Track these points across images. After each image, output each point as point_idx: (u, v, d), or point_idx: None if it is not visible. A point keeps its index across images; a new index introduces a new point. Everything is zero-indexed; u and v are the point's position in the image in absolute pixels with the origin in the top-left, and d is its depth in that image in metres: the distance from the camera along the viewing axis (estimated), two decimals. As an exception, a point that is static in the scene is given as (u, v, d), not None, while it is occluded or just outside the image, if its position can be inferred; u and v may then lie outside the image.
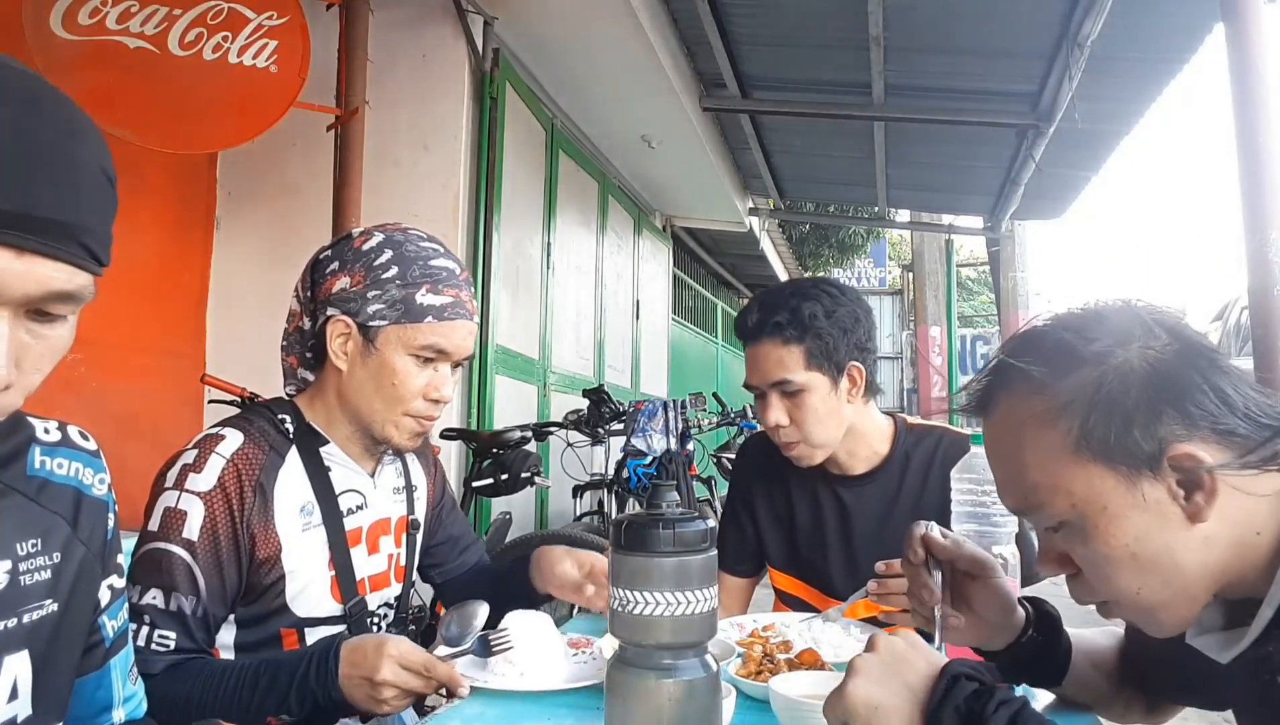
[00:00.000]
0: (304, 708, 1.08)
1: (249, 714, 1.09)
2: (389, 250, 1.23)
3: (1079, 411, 0.76)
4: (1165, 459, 0.74)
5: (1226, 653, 0.79)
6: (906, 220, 9.02)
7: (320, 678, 1.08)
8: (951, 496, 1.25)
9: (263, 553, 1.18)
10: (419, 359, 1.23)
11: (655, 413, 3.84)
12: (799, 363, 1.50)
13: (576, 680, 1.14)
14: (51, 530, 0.78)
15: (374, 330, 1.22)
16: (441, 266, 1.24)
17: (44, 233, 0.61)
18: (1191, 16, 3.66)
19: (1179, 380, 0.74)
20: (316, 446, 1.27)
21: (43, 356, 0.66)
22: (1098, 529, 0.77)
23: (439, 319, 1.22)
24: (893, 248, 19.07)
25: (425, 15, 3.67)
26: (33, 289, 0.62)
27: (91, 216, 0.65)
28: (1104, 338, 0.77)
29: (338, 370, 1.25)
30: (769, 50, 4.64)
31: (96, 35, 2.52)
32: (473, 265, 3.71)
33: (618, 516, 0.82)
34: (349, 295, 1.22)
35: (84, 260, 0.64)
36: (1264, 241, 2.41)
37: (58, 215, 0.62)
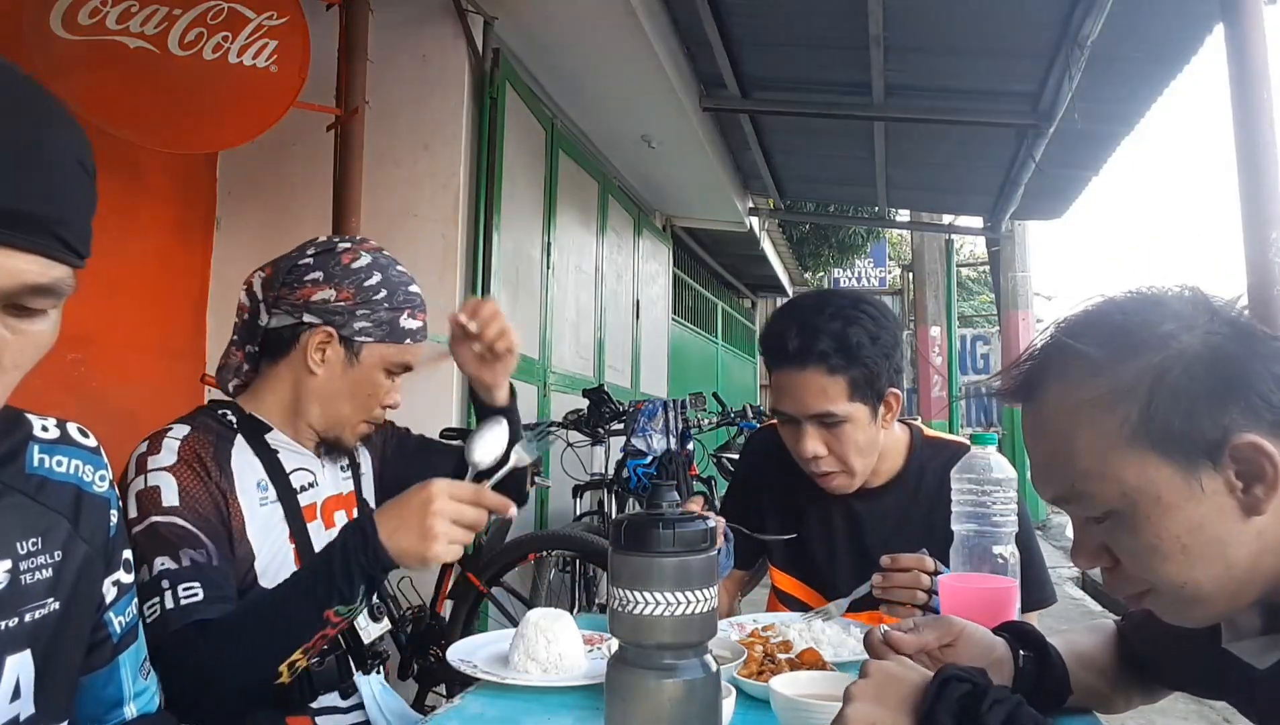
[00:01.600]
0: (354, 586, 1.09)
1: (305, 614, 1.09)
2: (378, 273, 1.33)
3: (1141, 397, 0.73)
4: (1228, 448, 0.71)
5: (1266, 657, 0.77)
6: (906, 220, 9.02)
7: (360, 542, 1.09)
8: (951, 496, 1.25)
9: (235, 523, 1.22)
10: (389, 374, 1.35)
11: (655, 413, 3.84)
12: (843, 394, 1.43)
13: (596, 676, 1.14)
14: (52, 528, 0.78)
15: (359, 345, 1.32)
16: (416, 293, 1.38)
17: (14, 225, 0.60)
18: (1191, 16, 3.66)
19: (1244, 369, 0.72)
20: (261, 433, 1.32)
21: (23, 352, 0.65)
22: (1149, 520, 0.74)
23: (414, 341, 1.36)
24: (893, 248, 19.07)
25: (425, 15, 3.67)
26: (5, 282, 0.60)
27: (67, 208, 0.63)
28: (1168, 321, 0.74)
29: (309, 372, 1.31)
30: (769, 50, 4.63)
31: (96, 35, 2.51)
32: (472, 265, 3.71)
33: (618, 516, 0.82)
34: (336, 308, 1.30)
35: (59, 252, 0.63)
36: (1264, 241, 2.41)
37: (29, 206, 0.60)
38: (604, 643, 1.28)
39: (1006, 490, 1.24)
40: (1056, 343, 0.80)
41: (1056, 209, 6.60)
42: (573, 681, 1.13)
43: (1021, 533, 1.29)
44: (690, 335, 9.16)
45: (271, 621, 1.09)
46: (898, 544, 1.48)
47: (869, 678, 0.79)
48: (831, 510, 1.59)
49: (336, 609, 1.09)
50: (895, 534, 1.52)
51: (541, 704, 1.08)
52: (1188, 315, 0.75)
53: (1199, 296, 0.77)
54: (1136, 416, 0.73)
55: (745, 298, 13.34)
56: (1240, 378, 0.72)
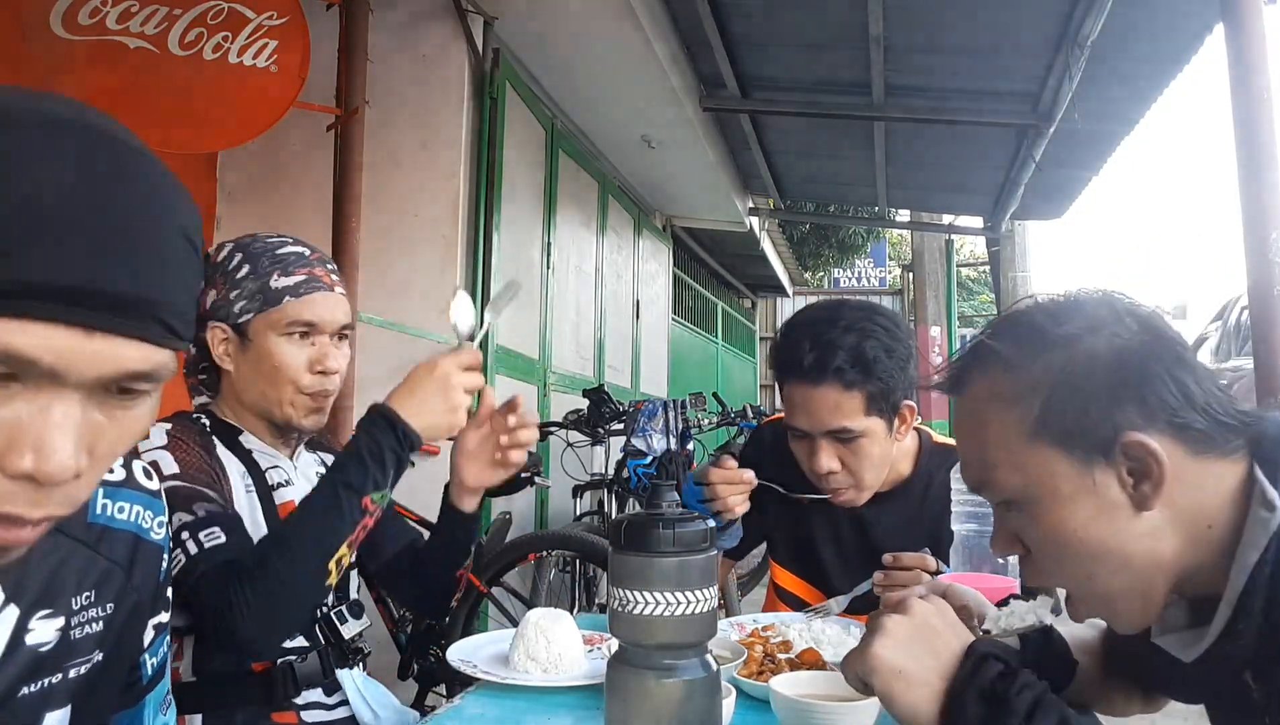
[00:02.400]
0: (386, 470, 1.15)
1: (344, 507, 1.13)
2: (238, 253, 1.32)
3: (1041, 393, 0.77)
4: (1118, 446, 0.75)
5: (1190, 651, 0.79)
6: (906, 220, 9.01)
7: (387, 426, 1.15)
8: (951, 497, 1.25)
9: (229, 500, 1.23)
10: (291, 337, 1.30)
11: (655, 413, 3.84)
12: (859, 409, 1.40)
13: (596, 676, 1.14)
14: (107, 580, 0.75)
15: (244, 325, 1.30)
16: (289, 252, 1.33)
17: (118, 310, 0.54)
18: (1191, 16, 3.66)
19: (1142, 370, 0.76)
20: (234, 436, 1.33)
21: (118, 440, 0.59)
22: (1048, 511, 0.78)
23: (296, 296, 1.30)
24: (893, 248, 19.06)
25: (425, 15, 3.67)
26: (106, 370, 0.55)
27: (173, 289, 0.57)
28: (1075, 323, 0.79)
29: (228, 373, 1.32)
30: (769, 50, 4.63)
31: (96, 35, 2.51)
32: (473, 265, 3.70)
33: (618, 516, 0.82)
34: (218, 304, 1.30)
35: (163, 337, 0.57)
36: (1264, 241, 2.41)
37: (135, 289, 0.54)
38: (604, 643, 1.28)
39: (1006, 490, 1.24)
40: (980, 341, 0.85)
41: (1056, 209, 6.60)
42: (573, 681, 1.13)
43: None
44: (690, 335, 9.16)
45: (313, 524, 1.12)
46: (905, 548, 1.48)
47: (909, 617, 0.79)
48: (838, 512, 1.58)
49: (372, 497, 1.14)
50: (901, 539, 1.51)
51: (541, 704, 1.08)
52: (1097, 318, 0.79)
53: (1116, 301, 0.80)
54: (1038, 412, 0.77)
55: (745, 298, 13.34)
56: (1138, 378, 0.76)
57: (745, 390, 12.46)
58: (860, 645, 0.78)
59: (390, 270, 3.52)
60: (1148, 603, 0.79)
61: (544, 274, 4.62)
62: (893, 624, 0.78)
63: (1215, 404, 0.76)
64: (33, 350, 0.51)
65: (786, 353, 1.45)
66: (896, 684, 0.76)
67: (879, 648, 0.77)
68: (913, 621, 0.79)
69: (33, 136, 0.52)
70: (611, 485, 3.86)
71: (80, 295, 0.52)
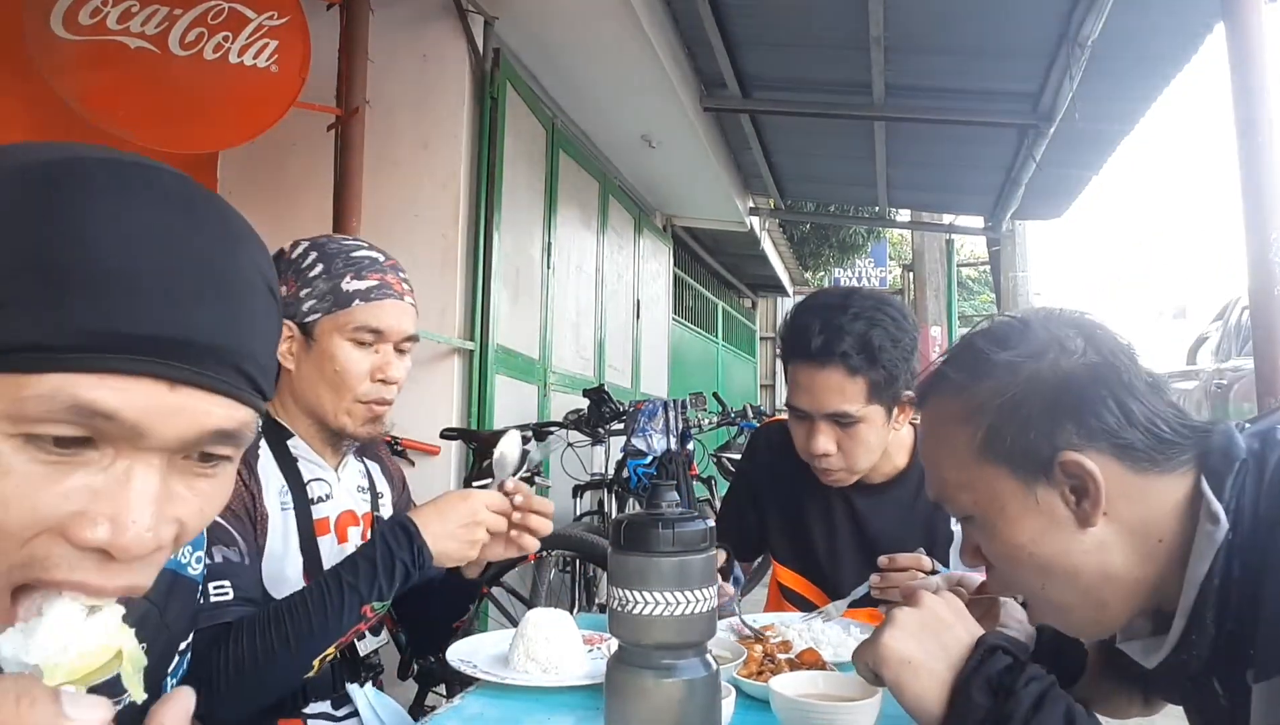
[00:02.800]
0: (394, 583, 1.13)
1: (344, 609, 1.10)
2: (313, 252, 1.31)
3: (987, 415, 0.81)
4: (1056, 465, 0.78)
5: (1151, 658, 0.82)
6: (907, 220, 9.01)
7: (405, 540, 1.13)
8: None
9: (260, 523, 1.22)
10: (356, 343, 1.29)
11: (655, 413, 3.84)
12: (861, 395, 1.42)
13: (596, 676, 1.14)
14: (144, 620, 0.73)
15: (311, 325, 1.28)
16: (364, 256, 1.31)
17: (202, 361, 0.50)
18: (1191, 16, 3.66)
19: (1082, 394, 0.79)
20: (283, 439, 1.31)
21: (200, 513, 0.55)
22: (997, 528, 0.81)
23: (366, 301, 1.28)
24: (893, 248, 19.05)
25: (425, 15, 3.67)
26: (188, 428, 0.51)
27: (255, 339, 0.54)
28: (1020, 348, 0.82)
29: (288, 372, 1.30)
30: (769, 50, 4.63)
31: (97, 35, 2.51)
32: (473, 265, 3.70)
33: (618, 516, 0.82)
34: (287, 301, 1.28)
35: (246, 392, 0.54)
36: (1264, 241, 2.41)
37: (218, 339, 0.51)
38: (604, 643, 1.28)
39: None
40: (936, 366, 0.90)
41: (1057, 209, 6.60)
42: (573, 681, 1.13)
43: None
44: (690, 335, 9.16)
45: (311, 618, 1.09)
46: (899, 540, 1.49)
47: (918, 609, 0.82)
48: (834, 506, 1.60)
49: (374, 605, 1.12)
50: (896, 530, 1.54)
51: (541, 704, 1.08)
52: (1042, 343, 0.82)
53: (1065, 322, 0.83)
54: (984, 433, 0.81)
55: (745, 298, 13.34)
56: (1078, 401, 0.79)
57: (745, 390, 12.46)
58: (872, 636, 0.80)
59: (390, 270, 3.51)
60: (1103, 613, 0.81)
61: (544, 274, 4.62)
62: (903, 615, 0.80)
63: (1160, 422, 0.78)
64: (113, 405, 0.48)
65: (795, 334, 1.47)
66: (905, 673, 0.77)
67: (889, 638, 0.79)
68: (922, 614, 0.81)
69: (109, 186, 0.50)
70: (611, 485, 3.86)
71: (162, 345, 0.49)
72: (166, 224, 0.51)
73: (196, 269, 0.51)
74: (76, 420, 0.48)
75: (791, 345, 1.48)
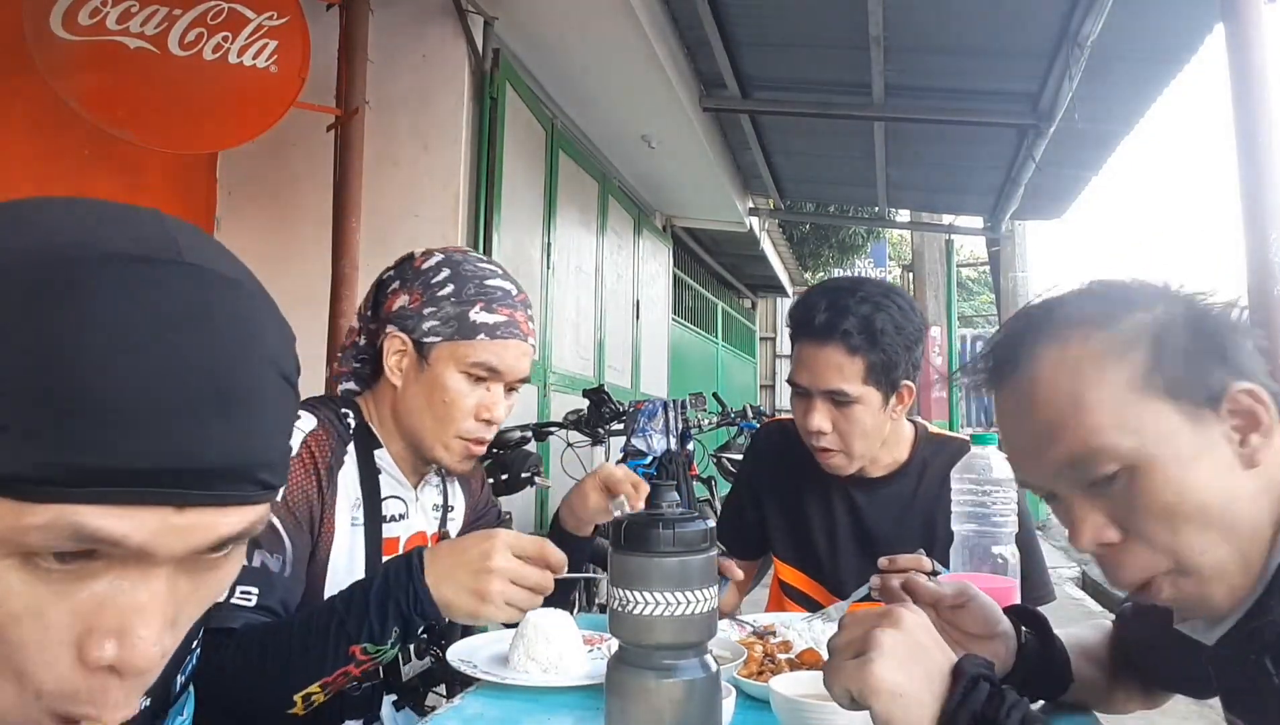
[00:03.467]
0: (387, 626, 1.00)
1: (328, 644, 1.00)
2: (446, 269, 1.25)
3: (1146, 346, 0.73)
4: (1227, 398, 0.72)
5: (1212, 633, 0.77)
6: (906, 220, 9.02)
7: (404, 579, 1.00)
8: (951, 497, 1.25)
9: (324, 539, 1.18)
10: (470, 377, 1.23)
11: (655, 413, 3.84)
12: (858, 375, 1.45)
13: (596, 676, 1.14)
14: None
15: (428, 347, 1.23)
16: (497, 286, 1.26)
17: (211, 484, 0.48)
18: (1191, 16, 3.66)
19: (1226, 329, 0.74)
20: (371, 448, 1.27)
21: (204, 602, 0.53)
22: (1167, 473, 0.72)
23: (491, 337, 1.23)
24: (893, 248, 19.07)
25: (425, 15, 3.67)
26: (199, 543, 0.49)
27: (270, 448, 0.51)
28: (1150, 290, 0.77)
29: (393, 386, 1.25)
30: (769, 50, 4.63)
31: (96, 35, 2.51)
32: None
33: (617, 517, 0.81)
34: (407, 313, 1.24)
35: (260, 496, 0.51)
36: (1264, 241, 2.41)
37: (230, 461, 0.48)
38: (604, 643, 1.28)
39: (1006, 490, 1.24)
40: (1037, 316, 0.79)
41: (1056, 209, 6.60)
42: (573, 681, 1.13)
43: (1022, 530, 1.29)
44: (690, 335, 9.16)
45: (292, 647, 1.00)
46: (898, 535, 1.50)
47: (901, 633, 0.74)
48: (834, 501, 1.61)
49: (364, 646, 1.00)
50: (896, 525, 1.55)
51: (541, 704, 1.08)
52: (1164, 288, 0.78)
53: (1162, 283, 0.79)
54: (1145, 364, 0.73)
55: (745, 298, 13.34)
56: (1225, 337, 0.74)
57: (745, 390, 12.46)
58: (858, 663, 0.73)
59: (390, 270, 3.51)
60: (1244, 578, 0.73)
61: (544, 274, 4.62)
62: (889, 641, 0.73)
63: None
64: (120, 532, 0.45)
65: (802, 312, 1.51)
66: (895, 706, 0.71)
67: (881, 669, 0.71)
68: (907, 639, 0.74)
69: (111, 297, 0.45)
70: (611, 485, 3.86)
71: (169, 476, 0.46)
72: (173, 337, 0.46)
73: (205, 386, 0.47)
74: (78, 541, 0.45)
75: (798, 322, 1.51)
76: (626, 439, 3.80)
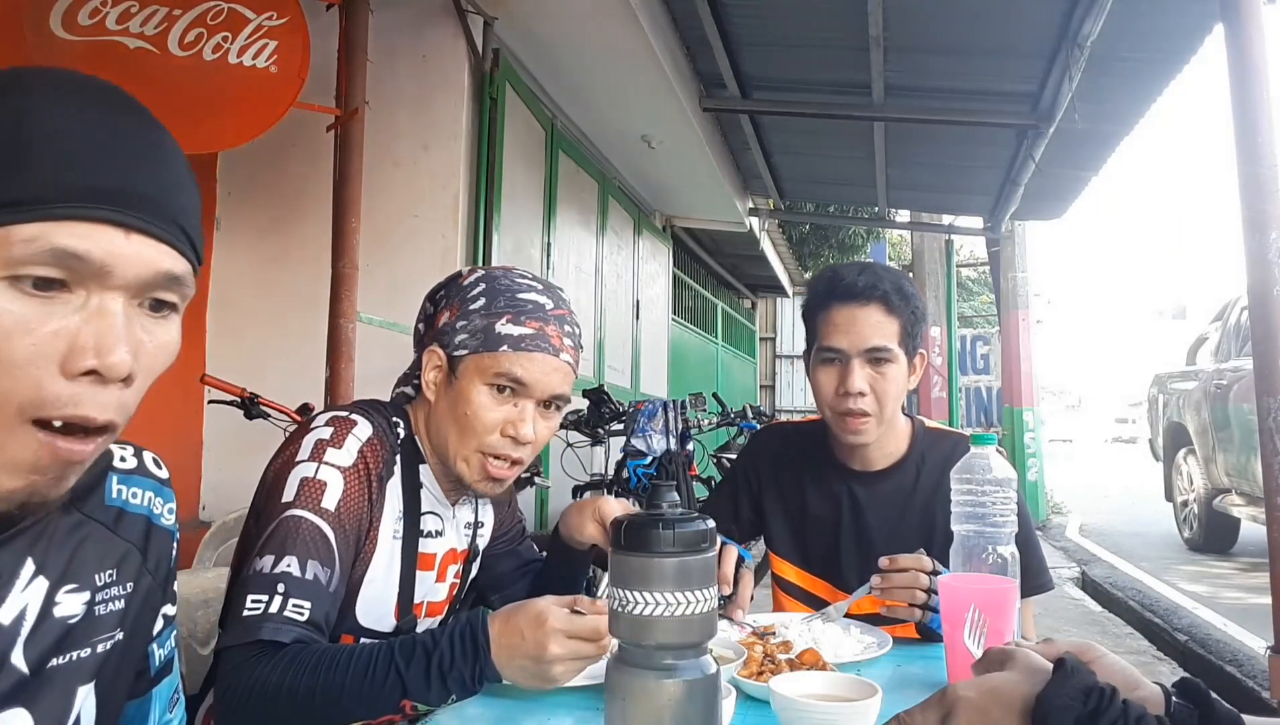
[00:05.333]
0: (446, 693, 1.01)
1: (382, 693, 1.00)
2: (482, 283, 1.24)
3: None
4: None
5: None
6: (906, 220, 9.02)
7: (468, 656, 1.01)
8: (951, 497, 1.25)
9: (367, 549, 1.18)
10: (495, 389, 1.20)
11: (655, 413, 3.84)
12: (895, 334, 1.52)
13: (596, 676, 1.13)
14: (126, 559, 0.78)
15: (457, 360, 1.22)
16: (529, 299, 1.23)
17: (145, 210, 0.63)
18: (1191, 16, 3.67)
19: None
20: (416, 462, 1.27)
21: (155, 356, 0.66)
22: None
23: (515, 348, 1.20)
24: (893, 248, 19.05)
25: (425, 15, 3.67)
26: (143, 271, 0.63)
27: (185, 201, 0.67)
28: None
29: (429, 402, 1.25)
30: (769, 50, 4.64)
31: (96, 35, 2.52)
32: (473, 265, 3.71)
33: (617, 517, 0.81)
34: (445, 328, 1.24)
35: (184, 245, 0.66)
36: (1264, 241, 2.41)
37: (155, 192, 0.64)
38: (604, 643, 1.28)
39: (1006, 490, 1.24)
40: None
41: (1056, 209, 6.61)
42: (573, 681, 1.13)
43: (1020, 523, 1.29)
44: (690, 335, 9.16)
45: (346, 685, 1.00)
46: (899, 529, 1.50)
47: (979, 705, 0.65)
48: (835, 496, 1.62)
49: (416, 705, 1.01)
50: (896, 519, 1.56)
51: (541, 704, 1.08)
52: None
53: None
54: None
55: (745, 298, 13.34)
56: None
57: (745, 390, 12.46)
58: None
59: (390, 270, 3.52)
60: None
61: (544, 274, 4.63)
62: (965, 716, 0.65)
63: None
64: (83, 247, 0.60)
65: (831, 281, 1.57)
66: None
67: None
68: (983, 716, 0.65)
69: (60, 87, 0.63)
70: (611, 486, 3.86)
71: (118, 196, 0.61)
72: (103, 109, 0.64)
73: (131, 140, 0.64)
74: (54, 262, 0.60)
75: (828, 290, 1.56)
76: (626, 439, 3.80)
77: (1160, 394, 7.70)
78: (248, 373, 3.16)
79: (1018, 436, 8.66)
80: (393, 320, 3.38)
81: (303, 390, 2.99)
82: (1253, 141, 2.41)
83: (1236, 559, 6.59)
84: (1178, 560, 6.67)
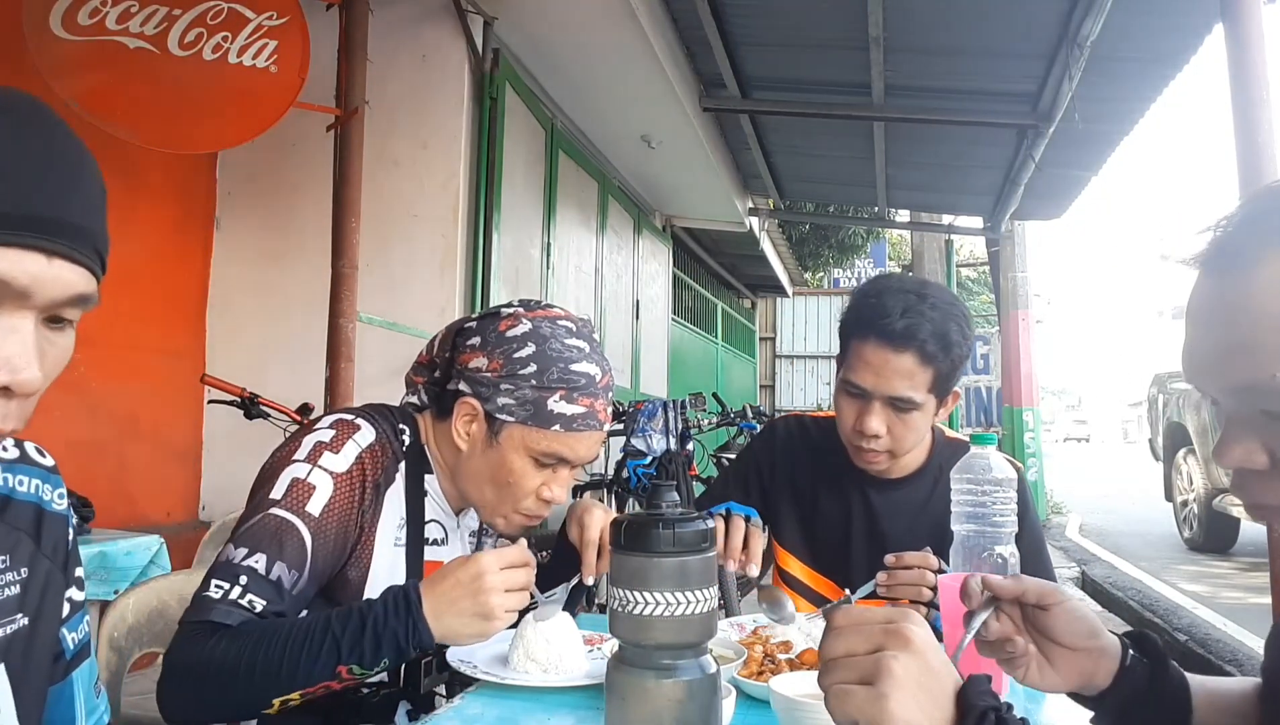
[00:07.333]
0: (380, 655, 1.03)
1: (318, 661, 1.02)
2: (532, 344, 1.20)
3: None
4: None
5: None
6: (906, 220, 9.02)
7: (402, 613, 1.03)
8: (951, 497, 1.25)
9: (362, 555, 1.19)
10: (538, 463, 1.22)
11: (655, 413, 3.84)
12: (925, 384, 1.44)
13: (596, 676, 1.13)
14: (17, 546, 0.79)
15: (500, 423, 1.20)
16: (582, 372, 1.21)
17: (72, 238, 0.65)
18: (1191, 16, 3.67)
19: None
20: (422, 471, 1.27)
21: (56, 363, 0.69)
22: None
23: (567, 429, 1.20)
24: (893, 248, 19.06)
25: (425, 15, 3.68)
26: (59, 293, 0.65)
27: (101, 221, 0.69)
28: None
29: (458, 449, 1.25)
30: (769, 50, 4.64)
31: (96, 35, 2.51)
32: (472, 265, 3.71)
33: (618, 516, 0.81)
34: (483, 379, 1.21)
35: (96, 266, 0.68)
36: (1264, 241, 2.41)
37: (82, 221, 0.66)
38: (604, 643, 1.28)
39: (1006, 490, 1.23)
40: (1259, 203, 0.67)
41: (1056, 209, 6.60)
42: (573, 681, 1.13)
43: (1027, 524, 1.29)
44: (690, 335, 9.16)
45: (284, 654, 1.02)
46: (911, 537, 1.49)
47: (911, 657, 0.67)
48: (850, 499, 1.60)
49: (351, 668, 1.03)
50: (911, 527, 1.54)
51: (541, 704, 1.08)
52: None
53: None
54: None
55: (745, 298, 13.34)
56: None
57: (745, 390, 12.46)
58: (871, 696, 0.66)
59: (390, 270, 3.52)
60: None
61: (544, 274, 4.63)
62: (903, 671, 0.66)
63: None
64: (11, 273, 0.62)
65: (873, 312, 1.45)
66: None
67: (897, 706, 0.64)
68: (921, 665, 0.67)
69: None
70: (611, 485, 3.86)
71: (51, 225, 0.63)
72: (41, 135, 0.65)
73: (60, 164, 0.65)
74: None
75: (868, 322, 1.46)
76: (626, 439, 3.80)
77: (1160, 394, 7.70)
78: (248, 373, 3.16)
79: (1018, 436, 8.65)
80: (392, 320, 3.38)
81: (303, 390, 2.99)
82: (1252, 141, 2.41)
83: (1236, 559, 6.60)
84: (1177, 560, 6.67)
